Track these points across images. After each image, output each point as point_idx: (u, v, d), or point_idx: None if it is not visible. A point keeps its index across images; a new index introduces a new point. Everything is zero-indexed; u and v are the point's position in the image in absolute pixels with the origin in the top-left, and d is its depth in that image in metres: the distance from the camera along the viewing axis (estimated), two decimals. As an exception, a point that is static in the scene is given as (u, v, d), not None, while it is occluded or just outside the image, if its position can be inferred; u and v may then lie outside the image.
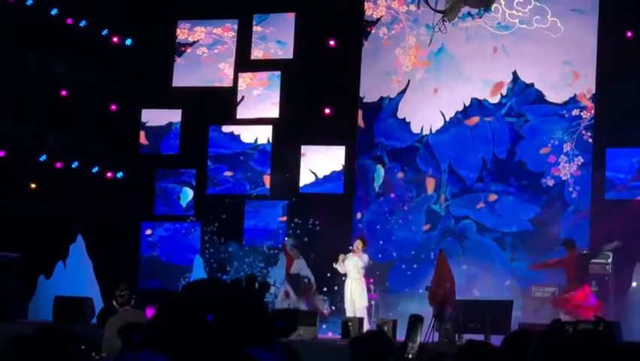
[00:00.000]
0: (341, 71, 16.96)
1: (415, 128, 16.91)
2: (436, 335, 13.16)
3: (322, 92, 16.85)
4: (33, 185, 16.88)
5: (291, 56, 17.51)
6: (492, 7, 16.16)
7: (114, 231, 17.35)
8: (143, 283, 17.35)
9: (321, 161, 17.37)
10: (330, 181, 17.29)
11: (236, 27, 17.99)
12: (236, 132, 17.86)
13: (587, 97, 15.99)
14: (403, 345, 6.19)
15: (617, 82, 15.36)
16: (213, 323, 2.64)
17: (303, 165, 17.35)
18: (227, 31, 18.06)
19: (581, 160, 15.91)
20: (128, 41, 18.11)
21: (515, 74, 16.41)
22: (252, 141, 17.75)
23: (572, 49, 16.11)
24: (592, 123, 15.91)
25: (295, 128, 17.18)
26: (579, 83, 16.05)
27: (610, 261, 14.71)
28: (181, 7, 18.06)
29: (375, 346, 5.26)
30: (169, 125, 18.10)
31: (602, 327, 4.37)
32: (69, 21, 17.12)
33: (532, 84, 16.32)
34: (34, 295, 16.08)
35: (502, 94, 16.50)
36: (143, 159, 18.19)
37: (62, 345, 4.18)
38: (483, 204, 16.35)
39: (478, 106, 16.59)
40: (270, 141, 17.61)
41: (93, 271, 16.82)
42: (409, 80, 17.02)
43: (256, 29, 17.83)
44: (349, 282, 14.80)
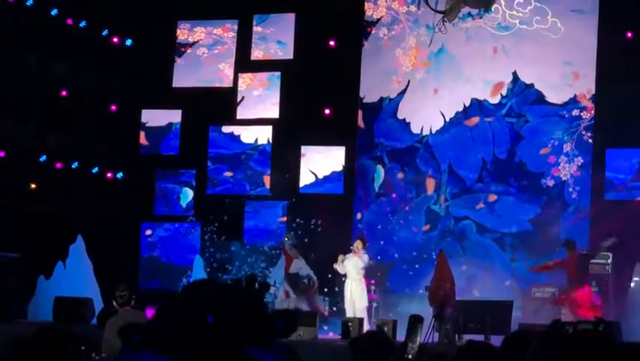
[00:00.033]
0: (341, 71, 16.95)
1: (415, 129, 16.90)
2: (436, 335, 13.17)
3: (322, 93, 16.84)
4: (33, 185, 16.88)
5: (291, 57, 17.51)
6: (492, 8, 16.17)
7: (114, 231, 17.34)
8: (143, 284, 17.34)
9: (321, 161, 17.37)
10: (330, 181, 17.29)
11: (236, 27, 17.98)
12: (236, 133, 17.86)
13: (587, 97, 15.99)
14: (402, 345, 6.18)
15: (617, 82, 15.36)
16: (213, 323, 2.64)
17: (303, 166, 17.34)
18: (227, 32, 18.06)
19: (581, 161, 15.90)
20: (128, 42, 18.11)
21: (515, 75, 16.41)
22: (252, 141, 17.74)
23: (572, 49, 16.11)
24: (592, 124, 15.90)
25: (295, 128, 17.17)
26: (579, 84, 16.05)
27: (610, 261, 14.70)
28: (181, 8, 18.06)
29: (375, 346, 5.26)
30: (169, 125, 18.10)
31: (602, 327, 4.37)
32: (69, 21, 17.12)
33: (533, 85, 16.32)
34: (34, 295, 16.07)
35: (502, 94, 16.50)
36: (143, 160, 18.19)
37: (62, 346, 4.18)
38: (483, 204, 16.35)
39: (478, 106, 16.59)
40: (270, 141, 17.61)
41: (93, 272, 16.81)
42: (409, 80, 17.02)
43: (256, 30, 17.82)
44: (349, 282, 14.81)
